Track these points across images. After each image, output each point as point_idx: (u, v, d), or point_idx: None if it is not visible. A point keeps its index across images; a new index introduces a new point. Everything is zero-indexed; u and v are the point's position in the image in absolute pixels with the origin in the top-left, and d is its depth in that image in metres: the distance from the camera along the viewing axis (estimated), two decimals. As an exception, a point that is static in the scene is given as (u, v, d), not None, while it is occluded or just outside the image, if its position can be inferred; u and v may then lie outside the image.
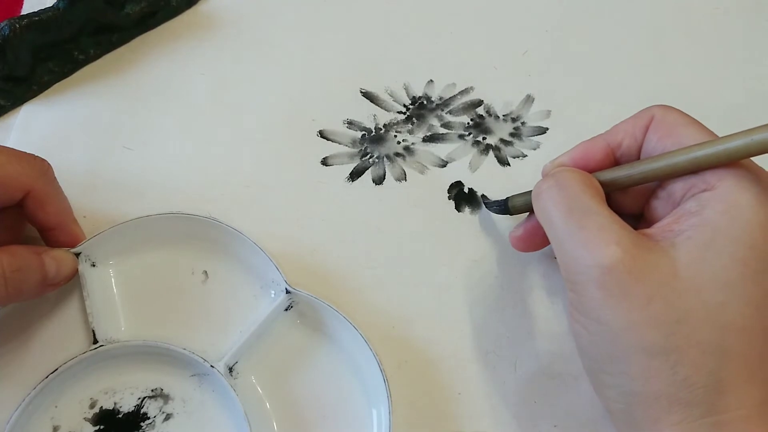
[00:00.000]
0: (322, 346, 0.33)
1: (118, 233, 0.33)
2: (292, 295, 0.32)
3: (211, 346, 0.32)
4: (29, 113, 0.39)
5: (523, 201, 0.34)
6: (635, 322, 0.25)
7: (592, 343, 0.27)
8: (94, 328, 0.32)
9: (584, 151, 0.31)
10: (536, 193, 0.30)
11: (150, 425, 0.31)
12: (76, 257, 0.32)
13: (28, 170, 0.30)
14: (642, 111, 0.31)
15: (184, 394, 0.32)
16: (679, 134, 0.29)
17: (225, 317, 0.34)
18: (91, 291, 0.32)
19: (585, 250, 0.26)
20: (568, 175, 0.29)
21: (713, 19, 0.46)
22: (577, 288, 0.27)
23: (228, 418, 0.31)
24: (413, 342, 0.34)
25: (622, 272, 0.25)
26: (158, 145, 0.38)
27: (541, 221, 0.30)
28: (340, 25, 0.44)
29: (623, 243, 0.26)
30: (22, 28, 0.37)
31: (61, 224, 0.32)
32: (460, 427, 0.32)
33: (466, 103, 0.42)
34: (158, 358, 0.32)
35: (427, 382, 0.33)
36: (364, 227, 0.37)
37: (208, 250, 0.35)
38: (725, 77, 0.44)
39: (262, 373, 0.32)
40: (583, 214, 0.27)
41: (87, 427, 0.31)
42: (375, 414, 0.32)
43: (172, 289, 0.34)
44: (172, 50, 0.42)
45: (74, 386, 0.31)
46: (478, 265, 0.36)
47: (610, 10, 0.46)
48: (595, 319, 0.26)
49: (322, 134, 0.40)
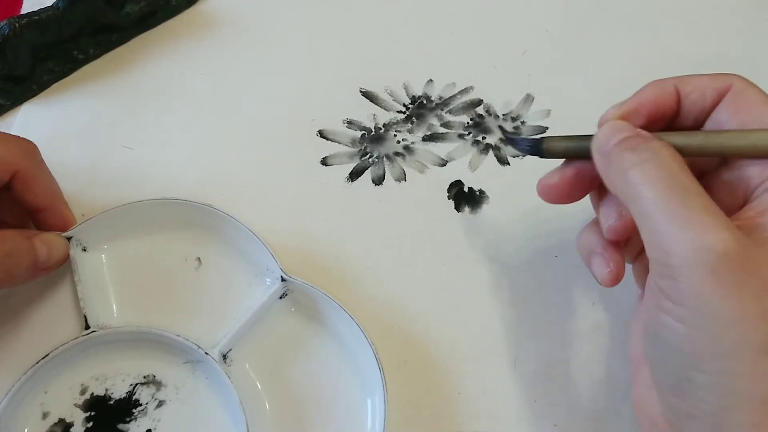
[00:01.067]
0: (316, 334, 0.33)
1: (110, 218, 0.33)
2: (288, 283, 0.32)
3: (205, 334, 0.32)
4: (29, 113, 0.39)
5: (565, 146, 0.30)
6: (749, 315, 0.22)
7: (687, 337, 0.23)
8: (86, 313, 0.31)
9: (654, 98, 0.28)
10: (624, 167, 0.26)
11: (142, 412, 0.31)
12: (68, 241, 0.32)
13: (14, 150, 0.30)
14: (721, 75, 0.28)
15: (176, 381, 0.32)
16: (760, 113, 0.26)
17: (218, 305, 0.33)
18: (82, 276, 0.32)
19: (692, 232, 0.23)
20: (665, 152, 0.26)
21: (713, 19, 0.46)
22: (676, 273, 0.23)
23: (221, 406, 0.31)
24: (413, 342, 0.34)
25: (735, 260, 0.23)
26: (158, 144, 0.38)
27: (626, 196, 0.26)
28: (340, 25, 0.44)
29: (732, 229, 0.23)
30: (21, 27, 0.37)
31: (50, 206, 0.32)
32: (459, 427, 0.32)
33: (465, 103, 0.42)
34: (151, 345, 0.32)
35: (427, 382, 0.33)
36: (363, 227, 0.37)
37: (202, 237, 0.35)
38: (725, 77, 0.44)
39: (256, 361, 0.32)
40: (686, 193, 0.24)
41: (78, 414, 0.31)
42: (369, 403, 0.32)
43: (165, 275, 0.34)
44: (172, 50, 0.42)
45: (65, 372, 0.31)
46: (478, 265, 0.36)
47: (610, 9, 0.46)
48: (697, 309, 0.23)
49: (322, 134, 0.40)
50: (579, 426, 0.32)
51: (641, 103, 0.29)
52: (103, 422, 0.31)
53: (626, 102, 0.29)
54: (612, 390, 0.33)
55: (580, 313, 0.35)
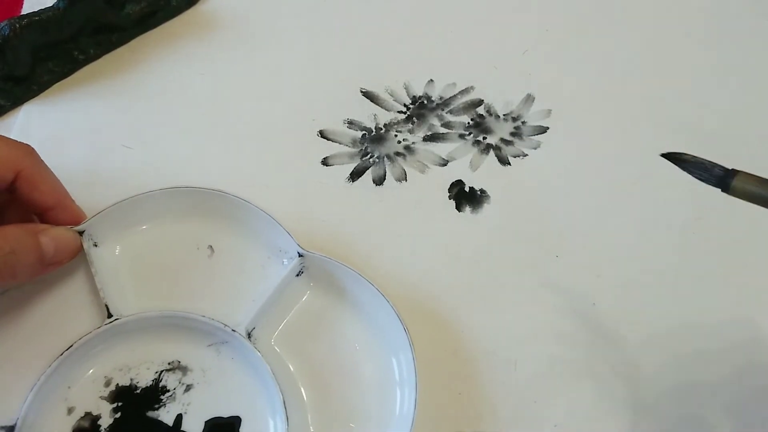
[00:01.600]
0: (337, 306, 0.33)
1: (119, 211, 0.33)
2: (304, 259, 0.32)
3: (224, 317, 0.32)
4: (29, 113, 0.39)
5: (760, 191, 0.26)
6: None
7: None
8: (107, 302, 0.31)
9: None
10: None
11: (170, 397, 0.31)
12: (79, 235, 0.32)
13: (14, 151, 0.30)
14: None
15: (202, 364, 0.32)
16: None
17: (235, 289, 0.33)
18: (99, 268, 0.32)
19: None
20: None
21: (713, 20, 0.46)
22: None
23: (251, 383, 0.31)
24: (413, 342, 0.34)
25: None
26: (158, 144, 0.38)
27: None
28: (340, 25, 0.44)
29: None
30: (22, 27, 0.37)
31: (58, 202, 0.32)
32: (460, 427, 0.32)
33: (466, 103, 0.42)
34: (172, 331, 0.32)
35: (428, 382, 0.33)
36: (364, 227, 0.37)
37: (212, 224, 0.35)
38: (725, 76, 0.44)
39: (280, 337, 0.32)
40: None
41: (104, 406, 0.30)
42: (395, 361, 0.32)
43: (179, 264, 0.34)
44: (172, 50, 0.42)
45: (86, 366, 0.31)
46: (478, 265, 0.36)
47: (610, 10, 0.46)
48: None
49: (323, 134, 0.40)
50: (579, 426, 0.32)
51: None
52: (132, 411, 0.30)
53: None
54: (612, 390, 0.33)
55: (580, 313, 0.35)
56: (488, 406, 0.33)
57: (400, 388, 0.32)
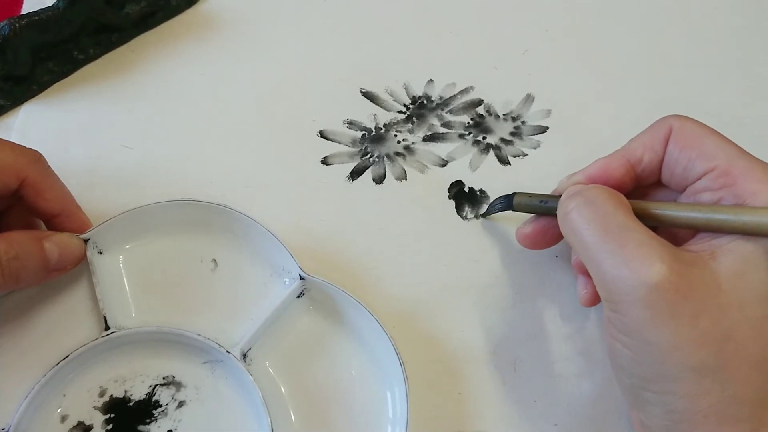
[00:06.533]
0: (334, 331, 0.33)
1: (125, 221, 0.33)
2: (305, 282, 0.32)
3: (222, 334, 0.32)
4: (29, 113, 0.39)
5: (528, 203, 0.33)
6: (684, 341, 0.24)
7: (635, 362, 0.26)
8: (105, 314, 0.31)
9: (603, 169, 0.30)
10: (564, 213, 0.29)
11: (162, 413, 0.31)
12: (84, 242, 0.32)
13: (20, 158, 0.30)
14: (657, 122, 0.30)
15: (196, 382, 0.32)
16: (703, 145, 0.28)
17: (235, 305, 0.33)
18: (101, 278, 0.32)
19: (628, 270, 0.25)
20: (596, 192, 0.28)
21: (713, 19, 0.46)
22: (620, 308, 0.26)
23: (242, 405, 0.31)
24: (413, 342, 0.34)
25: (669, 290, 0.24)
26: (158, 144, 0.38)
27: (572, 241, 0.28)
28: (340, 24, 0.44)
29: (666, 259, 0.25)
30: (22, 27, 0.37)
31: (64, 210, 0.32)
32: (460, 427, 0.32)
33: (466, 103, 0.42)
34: (169, 346, 0.32)
35: (428, 382, 0.33)
36: (364, 226, 0.37)
37: (217, 238, 0.35)
38: (725, 76, 0.44)
39: (275, 359, 0.32)
40: (620, 231, 0.26)
41: (97, 416, 0.31)
42: (390, 396, 0.32)
43: (181, 277, 0.34)
44: (172, 50, 0.42)
45: (82, 375, 0.31)
46: (478, 265, 0.36)
47: (610, 9, 0.46)
48: (640, 339, 0.25)
49: (323, 134, 0.40)
50: (579, 426, 0.32)
51: (588, 174, 0.31)
52: (124, 424, 0.31)
53: (573, 174, 0.31)
54: (612, 390, 0.33)
55: (580, 313, 0.35)
56: (488, 406, 0.33)
57: (392, 426, 0.31)
